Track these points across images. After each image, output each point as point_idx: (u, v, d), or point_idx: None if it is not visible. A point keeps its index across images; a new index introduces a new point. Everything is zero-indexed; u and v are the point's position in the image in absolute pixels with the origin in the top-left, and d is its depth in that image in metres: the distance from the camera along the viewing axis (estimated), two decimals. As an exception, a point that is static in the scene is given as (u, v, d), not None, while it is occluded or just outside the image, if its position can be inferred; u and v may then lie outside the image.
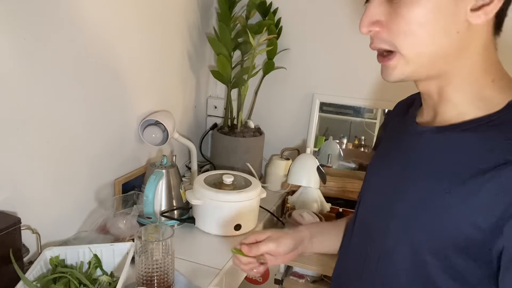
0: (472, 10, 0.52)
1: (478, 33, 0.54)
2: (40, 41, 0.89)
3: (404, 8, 0.53)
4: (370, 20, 0.56)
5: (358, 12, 1.48)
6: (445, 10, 0.52)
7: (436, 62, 0.56)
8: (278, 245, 0.80)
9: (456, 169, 0.54)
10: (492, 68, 0.57)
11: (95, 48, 1.05)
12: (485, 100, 0.56)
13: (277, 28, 1.57)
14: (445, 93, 0.59)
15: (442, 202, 0.55)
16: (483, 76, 0.57)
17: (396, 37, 0.55)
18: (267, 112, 1.71)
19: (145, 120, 1.28)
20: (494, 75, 0.57)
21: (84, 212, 1.12)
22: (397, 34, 0.55)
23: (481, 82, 0.57)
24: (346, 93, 1.58)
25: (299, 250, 0.84)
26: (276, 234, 0.83)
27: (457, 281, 0.54)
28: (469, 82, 0.57)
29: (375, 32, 0.57)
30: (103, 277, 0.83)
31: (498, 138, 0.52)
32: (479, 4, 0.51)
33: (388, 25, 0.55)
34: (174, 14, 1.41)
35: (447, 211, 0.54)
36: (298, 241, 0.83)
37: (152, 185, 1.13)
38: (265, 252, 0.81)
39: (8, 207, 0.88)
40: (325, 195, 1.43)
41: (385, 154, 0.72)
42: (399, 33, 0.54)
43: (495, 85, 0.56)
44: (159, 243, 0.86)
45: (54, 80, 0.95)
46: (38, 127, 0.93)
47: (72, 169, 1.05)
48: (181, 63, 1.51)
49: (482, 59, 0.56)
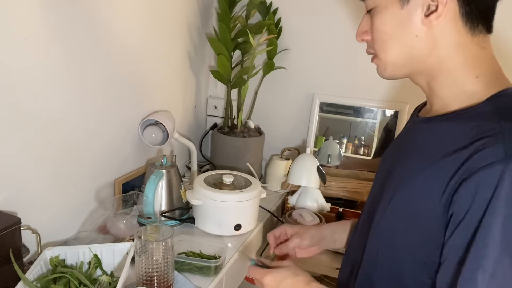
0: (426, 16, 0.61)
1: (441, 34, 0.62)
2: (40, 41, 0.89)
3: (374, 20, 0.66)
4: (360, 31, 0.71)
5: (358, 12, 1.48)
6: (401, 19, 0.63)
7: (409, 62, 0.66)
8: (301, 240, 0.93)
9: (433, 152, 0.62)
10: (477, 65, 0.63)
11: (95, 48, 1.05)
12: (468, 95, 0.63)
13: (277, 28, 1.57)
14: (433, 87, 0.68)
15: (418, 178, 0.63)
16: (466, 73, 0.63)
17: (374, 44, 0.68)
18: (267, 112, 1.71)
19: (145, 120, 1.28)
20: (479, 72, 0.63)
21: (84, 212, 1.12)
22: (374, 42, 0.68)
23: (464, 78, 0.63)
24: (346, 93, 1.58)
25: (321, 245, 0.96)
26: (297, 229, 0.96)
27: (428, 245, 0.61)
28: (451, 78, 0.64)
29: (366, 40, 0.71)
30: (103, 277, 0.83)
31: (467, 126, 0.59)
32: (429, 12, 0.61)
33: (371, 35, 0.68)
34: (174, 14, 1.41)
35: (421, 185, 0.62)
36: (320, 236, 0.95)
37: (152, 185, 1.13)
38: (293, 248, 0.93)
39: (8, 207, 0.88)
40: (325, 195, 1.43)
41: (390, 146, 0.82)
42: (375, 41, 0.68)
43: (479, 81, 0.62)
44: (159, 243, 0.86)
45: (54, 80, 0.95)
46: (38, 127, 0.93)
47: (72, 169, 1.05)
48: (181, 63, 1.51)
49: (461, 57, 0.63)
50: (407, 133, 0.76)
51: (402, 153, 0.71)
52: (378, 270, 0.70)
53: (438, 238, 0.59)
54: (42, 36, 0.89)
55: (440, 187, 0.58)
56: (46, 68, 0.92)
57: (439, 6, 0.60)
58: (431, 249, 0.60)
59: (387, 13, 0.64)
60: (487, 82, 0.62)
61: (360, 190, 1.45)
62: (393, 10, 0.63)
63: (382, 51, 0.67)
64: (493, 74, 0.63)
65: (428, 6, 0.61)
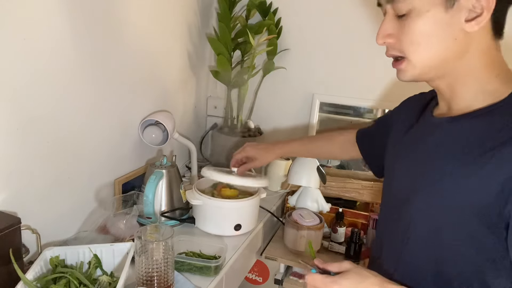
0: (466, 21, 0.62)
1: (476, 38, 0.64)
2: (40, 42, 0.89)
3: (410, 22, 0.65)
4: (383, 34, 0.69)
5: (358, 12, 1.48)
6: (443, 22, 0.64)
7: (440, 65, 0.67)
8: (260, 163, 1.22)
9: (468, 149, 0.65)
10: (496, 65, 0.67)
11: (94, 48, 1.05)
12: (490, 92, 0.66)
13: (277, 28, 1.57)
14: (455, 89, 0.69)
15: (457, 177, 0.65)
16: (487, 72, 0.67)
17: (405, 46, 0.67)
18: (267, 112, 1.71)
19: (145, 120, 1.28)
20: (498, 71, 0.67)
21: (84, 212, 1.12)
22: (405, 44, 0.67)
23: (486, 78, 0.67)
24: (346, 93, 1.58)
25: None
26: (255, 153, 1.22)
27: (473, 246, 0.64)
28: (474, 79, 0.67)
29: (388, 43, 0.70)
30: (103, 277, 0.83)
31: (503, 120, 0.63)
32: (472, 16, 0.62)
33: (399, 37, 0.67)
34: (174, 14, 1.41)
35: (460, 183, 0.64)
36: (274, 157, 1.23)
37: (152, 185, 1.13)
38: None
39: (8, 207, 0.88)
40: (325, 195, 1.43)
41: (405, 145, 0.82)
42: (406, 43, 0.67)
43: (499, 79, 0.66)
44: (159, 243, 0.86)
45: (54, 80, 0.95)
46: (38, 127, 0.93)
47: (72, 169, 1.05)
48: (181, 63, 1.51)
49: (484, 59, 0.66)
50: (428, 133, 0.75)
51: (430, 153, 0.71)
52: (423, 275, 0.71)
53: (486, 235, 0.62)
54: (42, 37, 0.89)
55: (493, 182, 0.60)
56: (46, 68, 0.92)
57: (484, 12, 0.61)
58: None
59: (428, 15, 0.64)
60: (505, 80, 0.66)
61: (360, 190, 1.45)
62: (436, 13, 0.63)
63: (415, 53, 0.67)
64: (508, 72, 0.68)
65: (472, 11, 0.62)
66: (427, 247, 0.70)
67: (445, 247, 0.67)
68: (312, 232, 1.25)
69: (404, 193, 0.75)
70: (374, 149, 1.00)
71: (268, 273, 1.57)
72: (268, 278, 1.59)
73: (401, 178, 0.79)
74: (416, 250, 0.72)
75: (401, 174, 0.79)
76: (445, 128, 0.71)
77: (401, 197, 0.76)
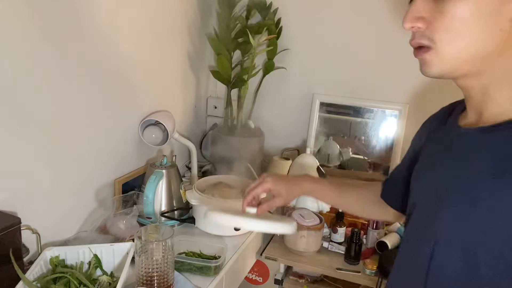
0: None
1: None
2: (40, 42, 0.89)
3: (449, 4, 0.54)
4: (414, 16, 0.57)
5: (358, 13, 1.48)
6: (490, 8, 0.53)
7: (476, 59, 0.56)
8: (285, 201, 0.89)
9: (503, 165, 0.54)
10: None
11: (95, 48, 1.05)
12: None
13: (277, 28, 1.57)
14: (489, 92, 0.59)
15: (492, 196, 0.55)
16: None
17: (437, 33, 0.56)
18: (267, 112, 1.71)
19: (145, 120, 1.28)
20: None
21: (84, 212, 1.12)
22: (438, 30, 0.55)
23: None
24: (346, 93, 1.58)
25: None
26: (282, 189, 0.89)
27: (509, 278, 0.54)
28: None
29: (417, 28, 0.58)
30: (103, 277, 0.83)
31: None
32: None
33: (431, 22, 0.56)
34: (174, 14, 1.41)
35: (497, 204, 0.54)
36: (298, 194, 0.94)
37: (152, 185, 1.13)
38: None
39: (8, 207, 0.88)
40: (325, 195, 1.43)
41: (431, 159, 0.71)
42: (440, 29, 0.55)
43: None
44: (159, 243, 0.86)
45: (54, 80, 0.95)
46: (39, 127, 0.93)
47: (72, 169, 1.05)
48: (181, 63, 1.51)
49: None
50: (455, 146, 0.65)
51: (459, 168, 0.61)
52: None
53: None
54: (42, 37, 0.89)
55: None
56: (46, 69, 0.92)
57: None
58: None
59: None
60: None
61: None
62: None
63: (449, 41, 0.56)
64: None
65: None
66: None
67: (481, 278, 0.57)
68: (312, 232, 1.25)
69: (430, 216, 0.64)
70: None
71: (268, 273, 1.57)
72: (268, 278, 1.59)
73: (428, 196, 0.67)
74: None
75: (428, 191, 0.67)
76: (476, 140, 0.60)
77: (427, 217, 0.65)
